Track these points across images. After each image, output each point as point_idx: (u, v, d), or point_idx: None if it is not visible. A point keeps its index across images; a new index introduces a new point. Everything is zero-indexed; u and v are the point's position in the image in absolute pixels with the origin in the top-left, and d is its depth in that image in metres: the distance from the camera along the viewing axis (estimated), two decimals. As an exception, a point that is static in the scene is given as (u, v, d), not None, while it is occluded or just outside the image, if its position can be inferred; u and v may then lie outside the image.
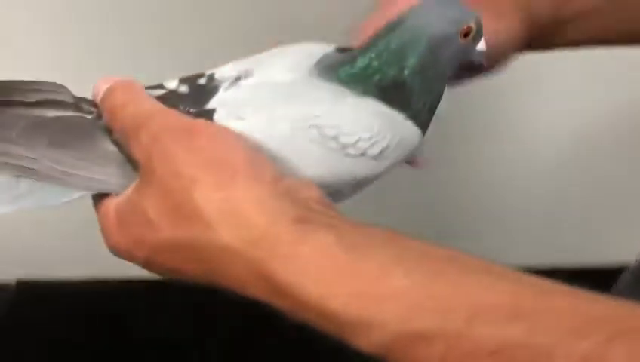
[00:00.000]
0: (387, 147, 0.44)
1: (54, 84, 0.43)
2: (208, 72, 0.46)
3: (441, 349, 0.34)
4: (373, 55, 0.45)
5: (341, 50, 0.48)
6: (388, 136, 0.44)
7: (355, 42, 0.48)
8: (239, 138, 0.41)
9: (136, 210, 0.40)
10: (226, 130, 0.41)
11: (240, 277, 0.38)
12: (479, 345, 0.33)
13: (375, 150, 0.44)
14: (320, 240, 0.37)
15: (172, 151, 0.39)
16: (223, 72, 0.46)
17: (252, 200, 0.38)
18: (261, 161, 0.40)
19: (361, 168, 0.44)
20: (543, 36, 0.57)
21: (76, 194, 0.42)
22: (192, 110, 0.44)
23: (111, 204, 0.42)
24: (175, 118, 0.41)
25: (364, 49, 0.45)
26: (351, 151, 0.43)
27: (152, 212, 0.39)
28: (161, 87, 0.46)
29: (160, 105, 0.42)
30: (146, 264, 0.42)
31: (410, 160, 0.51)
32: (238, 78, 0.45)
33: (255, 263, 0.37)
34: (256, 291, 0.38)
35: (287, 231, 0.37)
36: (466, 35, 0.46)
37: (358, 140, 0.43)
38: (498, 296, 0.34)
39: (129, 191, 0.41)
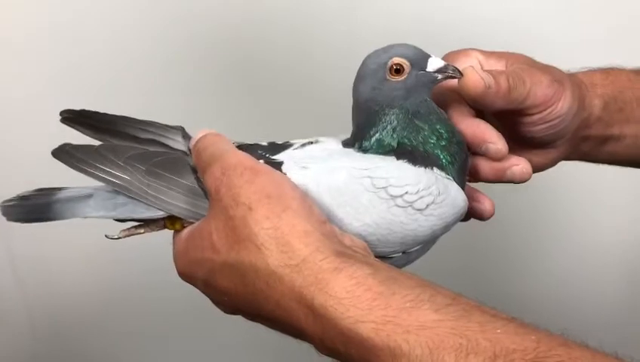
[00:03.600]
0: (432, 202, 0.49)
1: (166, 127, 0.52)
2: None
3: None
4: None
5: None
6: (433, 191, 0.49)
7: None
8: (295, 185, 0.47)
9: (203, 234, 0.46)
10: (284, 177, 0.47)
11: (281, 300, 0.42)
12: None
13: (421, 203, 0.49)
14: (356, 271, 0.41)
15: (236, 183, 0.45)
16: (296, 140, 0.55)
17: (298, 232, 0.43)
18: (311, 206, 0.46)
19: (408, 219, 0.49)
20: (593, 137, 0.59)
21: (157, 213, 0.50)
22: (267, 155, 0.51)
23: (184, 232, 0.49)
24: (244, 158, 0.47)
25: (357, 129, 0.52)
26: (399, 202, 0.49)
27: (215, 235, 0.45)
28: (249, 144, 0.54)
29: (235, 148, 0.49)
30: (205, 285, 0.48)
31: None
32: (304, 144, 0.54)
33: (295, 286, 0.42)
34: (293, 314, 0.42)
35: (327, 261, 0.42)
36: (396, 72, 0.51)
37: (405, 193, 0.49)
38: (523, 341, 0.37)
39: (200, 220, 0.48)
